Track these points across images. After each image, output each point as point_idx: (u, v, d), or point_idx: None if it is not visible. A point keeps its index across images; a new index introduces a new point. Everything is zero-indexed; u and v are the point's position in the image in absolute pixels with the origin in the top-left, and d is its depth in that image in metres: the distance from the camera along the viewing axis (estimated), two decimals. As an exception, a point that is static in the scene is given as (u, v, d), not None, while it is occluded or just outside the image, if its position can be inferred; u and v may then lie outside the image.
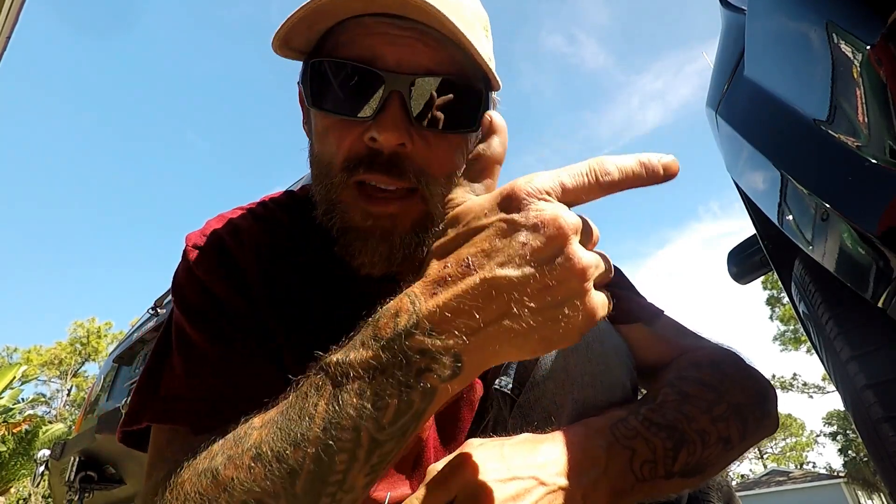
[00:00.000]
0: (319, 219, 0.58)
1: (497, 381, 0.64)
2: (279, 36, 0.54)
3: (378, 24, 0.53)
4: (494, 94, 0.62)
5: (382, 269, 0.56)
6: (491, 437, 0.66)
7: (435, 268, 0.36)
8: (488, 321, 0.33)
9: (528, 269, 0.33)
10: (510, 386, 0.63)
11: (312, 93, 0.55)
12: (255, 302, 0.58)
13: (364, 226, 0.54)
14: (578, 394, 0.58)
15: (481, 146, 0.42)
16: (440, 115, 0.54)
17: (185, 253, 0.62)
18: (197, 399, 0.52)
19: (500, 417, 0.64)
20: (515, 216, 0.34)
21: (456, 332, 0.33)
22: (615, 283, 0.72)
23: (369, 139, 0.52)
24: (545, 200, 0.35)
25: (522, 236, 0.33)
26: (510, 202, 0.35)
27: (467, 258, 0.34)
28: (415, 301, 0.35)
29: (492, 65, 0.59)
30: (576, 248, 0.34)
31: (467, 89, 0.56)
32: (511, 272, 0.33)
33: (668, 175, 0.37)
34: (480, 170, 0.42)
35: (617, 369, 0.60)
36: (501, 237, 0.34)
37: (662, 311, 0.71)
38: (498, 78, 0.59)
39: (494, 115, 0.43)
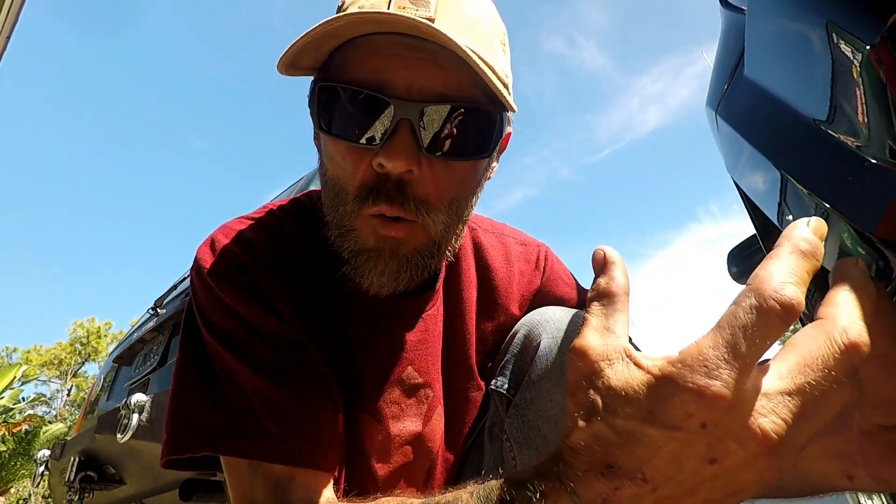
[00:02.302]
0: (332, 241, 0.59)
1: (493, 382, 0.64)
2: (284, 60, 0.53)
3: (391, 44, 0.51)
4: (509, 115, 0.61)
5: (390, 287, 0.57)
6: (488, 437, 0.67)
7: (598, 468, 0.28)
8: None
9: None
10: (506, 386, 0.63)
11: (321, 116, 0.54)
12: (284, 318, 0.59)
13: (375, 246, 0.55)
14: None
15: (603, 280, 0.33)
16: (451, 141, 0.53)
17: (201, 276, 0.60)
18: (281, 438, 0.54)
19: (497, 417, 0.64)
20: (714, 429, 0.26)
21: None
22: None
23: (377, 165, 0.52)
24: (742, 399, 0.26)
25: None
26: (694, 400, 0.26)
27: (644, 471, 0.27)
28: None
29: (509, 81, 0.58)
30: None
31: (480, 115, 0.54)
32: None
33: None
34: (613, 306, 0.32)
35: None
36: (701, 458, 0.26)
37: None
38: (512, 102, 0.56)
39: (607, 249, 0.35)
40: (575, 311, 0.67)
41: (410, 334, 0.66)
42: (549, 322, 0.62)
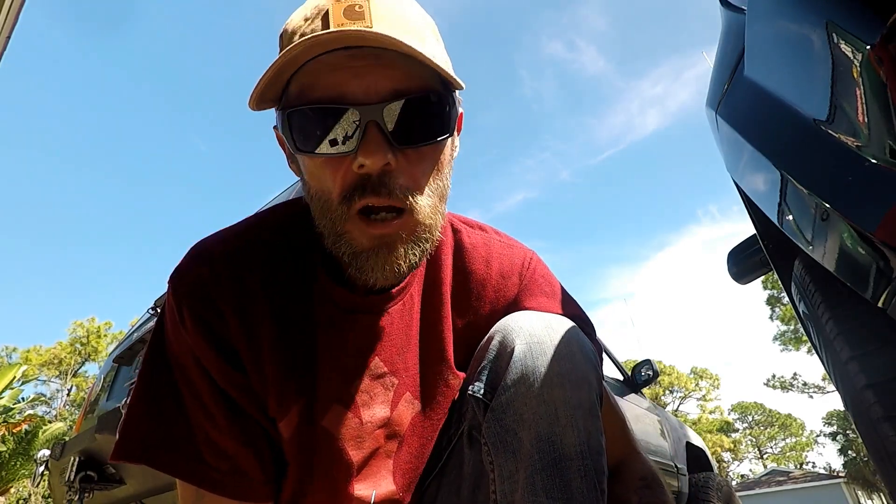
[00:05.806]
0: (329, 248, 0.62)
1: (470, 388, 0.66)
2: (256, 96, 0.56)
3: (336, 58, 0.55)
4: (457, 94, 0.64)
5: (392, 279, 0.61)
6: (467, 442, 0.69)
7: None
8: None
9: None
10: (482, 391, 0.64)
11: (296, 140, 0.57)
12: (240, 361, 0.64)
13: (371, 246, 0.58)
14: (548, 394, 0.60)
15: None
16: (415, 129, 0.57)
17: (168, 294, 0.64)
18: (225, 471, 0.61)
19: (475, 422, 0.66)
20: None
21: None
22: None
23: (358, 167, 0.55)
24: None
25: None
26: None
27: None
28: None
29: (448, 66, 0.61)
30: None
31: (433, 99, 0.58)
32: None
33: None
34: None
35: (582, 366, 0.63)
36: None
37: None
38: (458, 79, 0.61)
39: None
40: (548, 314, 0.69)
41: (377, 328, 0.69)
42: (523, 328, 0.65)
